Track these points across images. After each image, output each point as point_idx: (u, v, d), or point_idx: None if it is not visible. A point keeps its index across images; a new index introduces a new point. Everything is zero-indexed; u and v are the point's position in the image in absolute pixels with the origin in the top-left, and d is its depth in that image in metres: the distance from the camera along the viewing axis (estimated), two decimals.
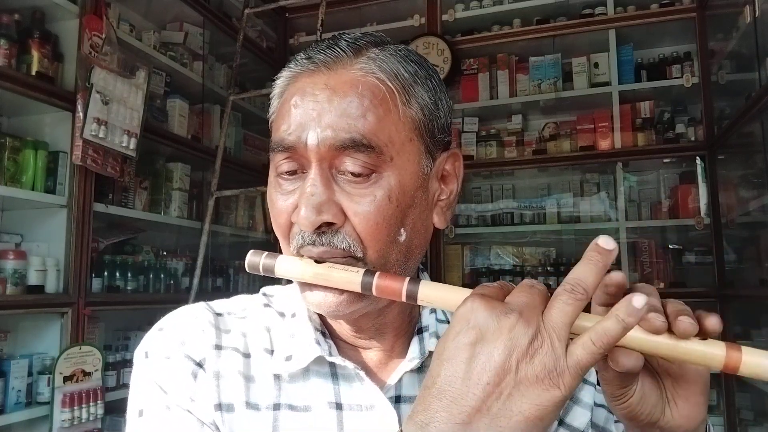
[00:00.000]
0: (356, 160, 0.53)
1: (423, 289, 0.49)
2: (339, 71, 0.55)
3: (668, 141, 3.08)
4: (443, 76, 3.28)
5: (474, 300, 0.42)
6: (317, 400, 0.58)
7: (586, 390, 0.66)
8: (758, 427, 2.63)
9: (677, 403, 0.48)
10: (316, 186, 0.53)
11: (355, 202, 0.54)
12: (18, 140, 2.03)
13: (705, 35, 3.01)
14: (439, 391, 0.41)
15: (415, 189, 0.56)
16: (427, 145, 0.58)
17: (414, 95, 0.57)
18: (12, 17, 2.01)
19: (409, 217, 0.56)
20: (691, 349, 0.43)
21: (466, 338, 0.41)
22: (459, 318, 0.42)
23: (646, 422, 0.48)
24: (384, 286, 0.51)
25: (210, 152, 2.87)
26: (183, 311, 0.62)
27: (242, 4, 3.08)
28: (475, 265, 3.41)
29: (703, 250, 2.97)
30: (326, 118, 0.53)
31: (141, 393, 0.58)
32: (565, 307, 0.41)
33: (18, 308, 1.95)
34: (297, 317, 0.62)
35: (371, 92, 0.54)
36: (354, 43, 0.57)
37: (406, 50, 0.59)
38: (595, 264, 0.42)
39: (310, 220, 0.52)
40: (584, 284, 0.41)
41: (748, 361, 0.42)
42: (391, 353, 0.62)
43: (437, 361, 0.42)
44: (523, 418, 0.39)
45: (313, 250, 0.54)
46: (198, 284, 2.63)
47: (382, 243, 0.55)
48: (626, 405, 0.47)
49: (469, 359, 0.40)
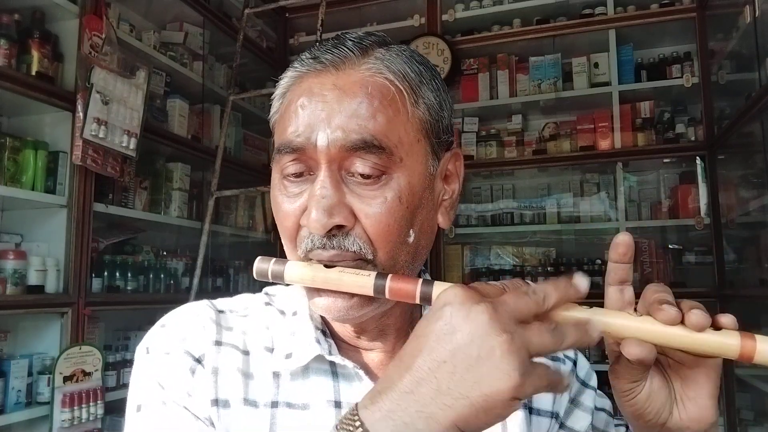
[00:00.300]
0: (366, 161, 0.52)
1: (438, 291, 0.48)
2: (347, 71, 0.55)
3: (668, 141, 3.08)
4: (443, 76, 3.27)
5: (455, 287, 0.43)
6: (316, 398, 0.58)
7: (587, 394, 0.66)
8: (758, 427, 2.63)
9: (685, 405, 0.48)
10: (326, 188, 0.53)
11: (366, 204, 0.53)
12: (18, 140, 2.02)
13: (705, 35, 3.01)
14: (401, 362, 0.42)
15: (423, 190, 0.56)
16: (433, 145, 0.58)
17: (421, 96, 0.57)
18: (12, 17, 2.00)
19: (417, 218, 0.56)
20: (707, 339, 0.43)
21: (436, 320, 0.42)
22: (437, 301, 0.43)
23: (654, 422, 0.48)
24: (397, 288, 0.50)
25: (210, 152, 2.87)
26: (186, 308, 0.62)
27: (242, 4, 3.08)
28: (475, 265, 3.41)
29: (703, 250, 2.97)
30: (336, 119, 0.53)
31: (140, 388, 0.58)
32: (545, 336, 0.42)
33: (18, 308, 1.95)
34: (298, 316, 0.62)
35: (380, 93, 0.54)
36: (360, 42, 0.56)
37: (410, 50, 0.59)
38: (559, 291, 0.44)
39: (322, 222, 0.52)
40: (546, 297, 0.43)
41: (763, 349, 0.42)
42: (392, 354, 0.62)
43: (410, 339, 0.43)
44: (468, 403, 0.40)
45: (323, 254, 0.54)
46: (198, 284, 2.63)
47: (392, 244, 0.54)
48: (634, 402, 0.47)
49: (435, 339, 0.41)
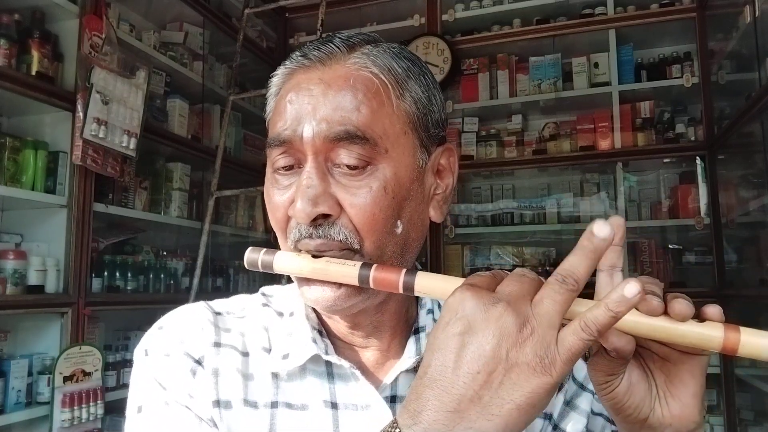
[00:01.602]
0: (351, 152, 0.53)
1: (420, 280, 0.49)
2: (333, 66, 0.56)
3: (668, 141, 3.08)
4: (443, 76, 3.29)
5: (463, 290, 0.42)
6: (313, 399, 0.58)
7: (584, 397, 0.66)
8: (758, 427, 2.62)
9: (668, 402, 0.48)
10: (312, 179, 0.54)
11: (351, 194, 0.54)
12: (18, 140, 2.03)
13: (705, 35, 3.01)
14: (431, 380, 0.41)
15: (411, 181, 0.57)
16: (422, 139, 0.58)
17: (407, 89, 0.58)
18: (12, 17, 2.01)
19: (405, 210, 0.57)
20: (689, 330, 0.42)
21: (455, 328, 0.41)
22: (448, 308, 0.42)
23: (634, 417, 0.48)
24: (381, 278, 0.50)
25: (210, 152, 2.87)
26: (183, 310, 0.63)
27: (242, 4, 3.08)
28: (475, 265, 3.41)
29: (703, 250, 2.97)
30: (321, 111, 0.54)
31: (140, 390, 0.58)
32: (556, 296, 0.41)
33: (18, 308, 1.95)
34: (295, 316, 0.62)
35: (365, 86, 0.55)
36: (348, 40, 0.58)
37: (399, 48, 0.60)
38: (586, 253, 0.42)
39: (306, 212, 0.53)
40: (575, 275, 0.41)
41: (747, 341, 0.41)
42: (387, 353, 0.62)
43: (429, 352, 0.42)
44: (515, 406, 0.39)
45: (310, 243, 0.55)
46: (198, 284, 2.63)
47: (378, 234, 0.55)
48: (612, 395, 0.47)
49: (458, 349, 0.41)
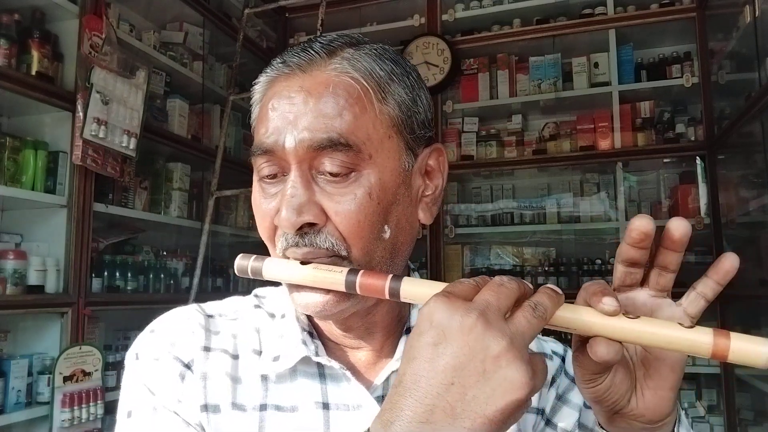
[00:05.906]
0: (334, 159, 0.53)
1: (405, 286, 0.49)
2: (313, 73, 0.55)
3: (668, 141, 3.08)
4: (443, 76, 3.29)
5: (437, 299, 0.42)
6: (304, 400, 0.58)
7: (576, 391, 0.66)
8: (758, 427, 2.63)
9: (644, 394, 0.49)
10: (296, 188, 0.54)
11: (336, 202, 0.54)
12: (18, 140, 2.03)
13: (705, 35, 3.01)
14: (405, 389, 0.41)
15: (397, 186, 0.56)
16: (407, 141, 0.58)
17: (390, 92, 0.57)
18: (12, 17, 2.01)
19: (392, 214, 0.56)
20: (677, 336, 0.41)
21: (429, 338, 0.41)
22: (422, 317, 0.42)
23: (612, 409, 0.49)
24: (367, 284, 0.51)
25: (210, 152, 2.87)
26: (174, 313, 0.63)
27: (242, 4, 3.08)
28: (475, 265, 3.41)
29: (703, 250, 2.97)
30: (303, 120, 0.53)
31: (130, 394, 0.59)
32: (530, 316, 0.42)
33: (18, 308, 1.95)
34: (286, 318, 0.62)
35: (346, 91, 0.54)
36: (328, 44, 0.57)
37: (382, 48, 0.59)
38: (550, 294, 0.44)
39: (291, 221, 0.53)
40: (546, 308, 0.43)
41: (737, 347, 0.40)
42: (380, 353, 0.62)
43: (405, 360, 0.42)
44: (486, 420, 0.39)
45: (297, 251, 0.55)
46: (198, 284, 2.63)
47: (365, 241, 0.55)
48: (594, 390, 0.49)
49: (432, 359, 0.40)
